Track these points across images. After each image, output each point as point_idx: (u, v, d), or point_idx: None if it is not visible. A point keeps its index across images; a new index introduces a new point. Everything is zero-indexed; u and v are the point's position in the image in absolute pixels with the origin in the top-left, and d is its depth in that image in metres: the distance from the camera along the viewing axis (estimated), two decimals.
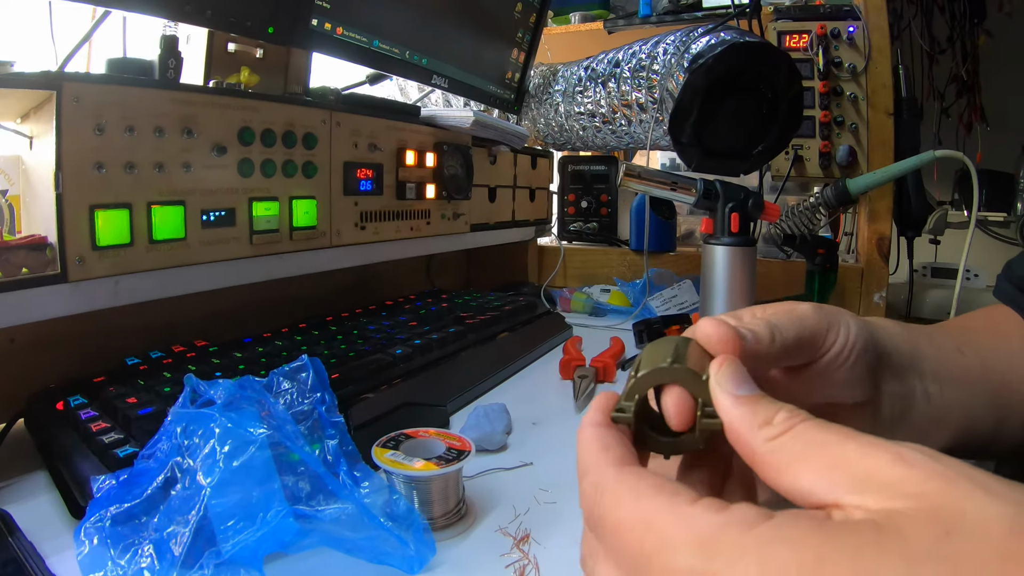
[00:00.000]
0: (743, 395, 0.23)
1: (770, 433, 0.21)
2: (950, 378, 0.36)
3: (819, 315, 0.30)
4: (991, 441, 0.38)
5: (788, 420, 0.21)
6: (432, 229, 0.81)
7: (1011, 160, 1.25)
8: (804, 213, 0.92)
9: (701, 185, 0.76)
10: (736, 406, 0.22)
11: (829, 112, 0.99)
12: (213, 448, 0.30)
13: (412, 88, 1.20)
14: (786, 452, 0.20)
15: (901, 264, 1.13)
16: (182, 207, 0.51)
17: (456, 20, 0.90)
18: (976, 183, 0.85)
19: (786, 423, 0.21)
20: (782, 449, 0.20)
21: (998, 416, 0.37)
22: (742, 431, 0.22)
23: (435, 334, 0.65)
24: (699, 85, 0.74)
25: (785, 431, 0.21)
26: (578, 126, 1.07)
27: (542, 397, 0.62)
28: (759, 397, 0.23)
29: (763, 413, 0.22)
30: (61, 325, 0.48)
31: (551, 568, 0.34)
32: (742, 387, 0.23)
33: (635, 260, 1.12)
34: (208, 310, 0.67)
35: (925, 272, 1.21)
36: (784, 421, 0.21)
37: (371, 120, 0.70)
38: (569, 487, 0.43)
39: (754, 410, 0.22)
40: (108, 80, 0.48)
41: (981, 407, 0.37)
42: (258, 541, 0.29)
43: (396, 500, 0.35)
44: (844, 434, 0.20)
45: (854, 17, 0.99)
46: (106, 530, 0.30)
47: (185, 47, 0.63)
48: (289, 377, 0.38)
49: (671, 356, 0.25)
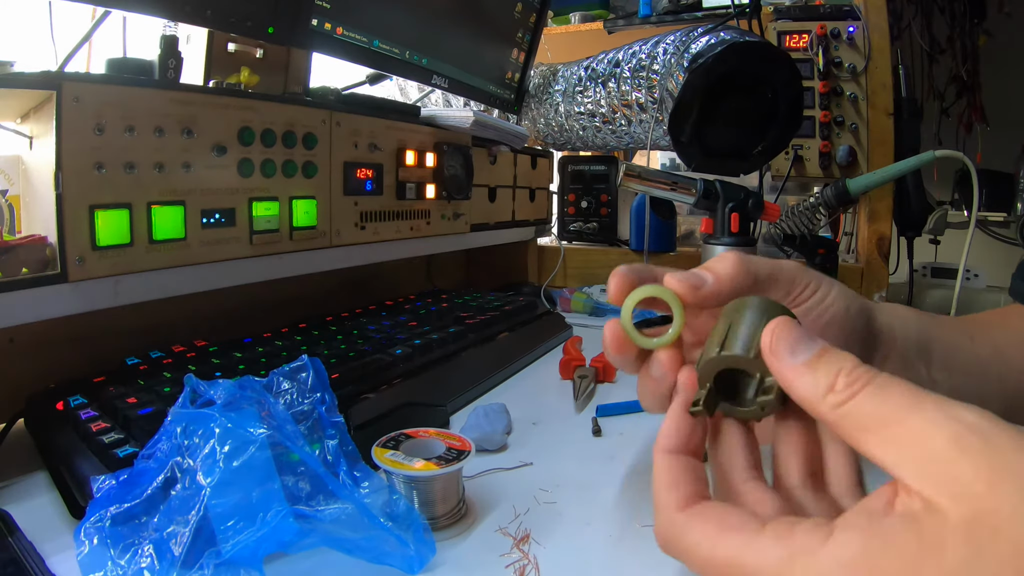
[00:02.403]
0: (800, 363, 0.23)
1: (835, 400, 0.22)
2: (960, 367, 0.36)
3: (800, 269, 0.33)
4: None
5: (850, 386, 0.21)
6: (432, 229, 0.81)
7: (1011, 160, 1.25)
8: (804, 213, 0.92)
9: (701, 185, 0.76)
10: (797, 377, 0.23)
11: (829, 112, 0.99)
12: (213, 448, 0.30)
13: (412, 88, 1.20)
14: (853, 421, 0.21)
15: (901, 264, 1.13)
16: (182, 207, 0.51)
17: (456, 20, 0.90)
18: (976, 183, 0.85)
19: (848, 390, 0.21)
20: (849, 416, 0.21)
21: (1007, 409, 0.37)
22: (809, 400, 0.22)
23: (435, 334, 0.65)
24: (699, 85, 0.74)
25: (849, 398, 0.21)
26: (578, 126, 1.07)
27: (542, 397, 0.62)
28: (817, 358, 0.23)
29: (825, 378, 0.22)
30: (61, 325, 0.48)
31: (551, 568, 0.34)
32: (797, 352, 0.23)
33: (635, 260, 1.12)
34: (208, 310, 0.67)
35: (925, 272, 1.21)
36: (847, 387, 0.21)
37: (371, 120, 0.70)
38: (569, 487, 0.43)
39: (815, 378, 0.22)
40: (108, 80, 0.48)
41: (993, 399, 0.36)
42: (258, 541, 0.29)
43: (396, 500, 0.35)
44: (907, 403, 0.20)
45: (854, 17, 0.99)
46: (106, 530, 0.30)
47: (185, 47, 0.63)
48: (289, 377, 0.38)
49: (722, 338, 0.26)
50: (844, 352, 0.23)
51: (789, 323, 0.24)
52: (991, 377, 0.37)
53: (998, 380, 0.37)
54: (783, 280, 0.32)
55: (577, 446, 0.50)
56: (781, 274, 0.32)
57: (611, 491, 0.42)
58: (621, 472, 0.45)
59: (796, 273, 0.32)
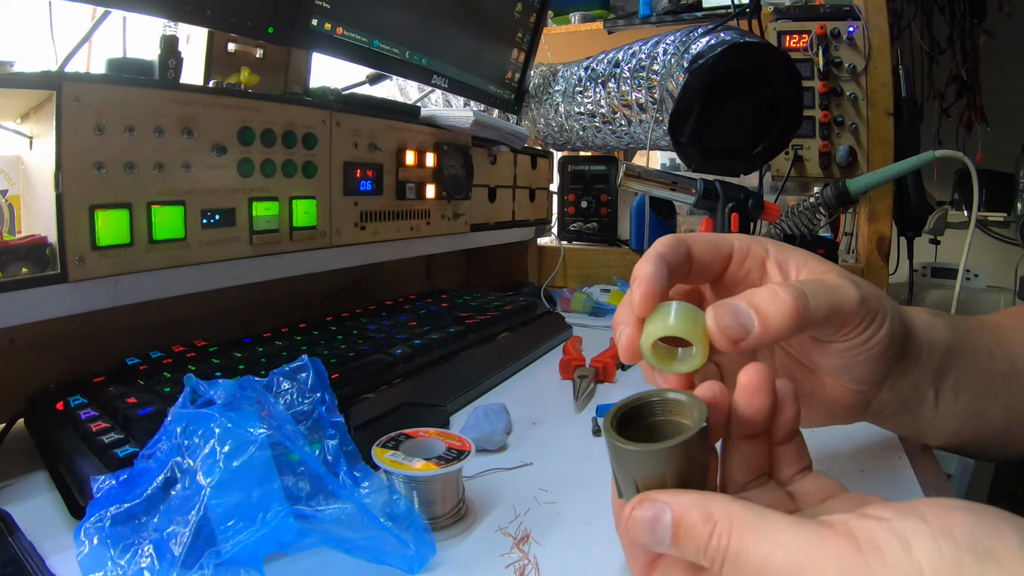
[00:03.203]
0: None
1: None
2: (971, 387, 0.35)
3: (860, 304, 0.29)
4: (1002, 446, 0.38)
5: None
6: (432, 229, 0.81)
7: (1011, 160, 1.25)
8: (804, 213, 0.92)
9: (701, 185, 0.76)
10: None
11: (829, 112, 0.99)
12: (213, 448, 0.30)
13: (412, 88, 1.20)
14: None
15: (901, 264, 1.14)
16: (182, 207, 0.51)
17: (456, 20, 0.90)
18: (976, 183, 0.85)
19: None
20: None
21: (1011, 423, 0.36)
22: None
23: (435, 334, 0.65)
24: (699, 85, 0.74)
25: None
26: (578, 126, 1.07)
27: (542, 397, 0.62)
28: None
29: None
30: (61, 325, 0.48)
31: (551, 568, 0.34)
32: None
33: (635, 260, 1.11)
34: (208, 310, 0.67)
35: (925, 272, 1.22)
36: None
37: (371, 120, 0.70)
38: (569, 487, 0.43)
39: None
40: (108, 80, 0.48)
41: (996, 414, 0.36)
42: (258, 541, 0.29)
43: (396, 500, 0.35)
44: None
45: (854, 17, 0.99)
46: (106, 530, 0.30)
47: (185, 47, 0.63)
48: (289, 377, 0.38)
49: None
50: (692, 520, 0.23)
51: (637, 514, 0.24)
52: (999, 395, 0.36)
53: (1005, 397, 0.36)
54: (839, 320, 0.28)
55: (577, 446, 0.50)
56: (840, 313, 0.28)
57: (611, 491, 0.42)
58: None
59: (856, 310, 0.29)
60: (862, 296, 0.29)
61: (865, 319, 0.29)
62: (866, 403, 0.34)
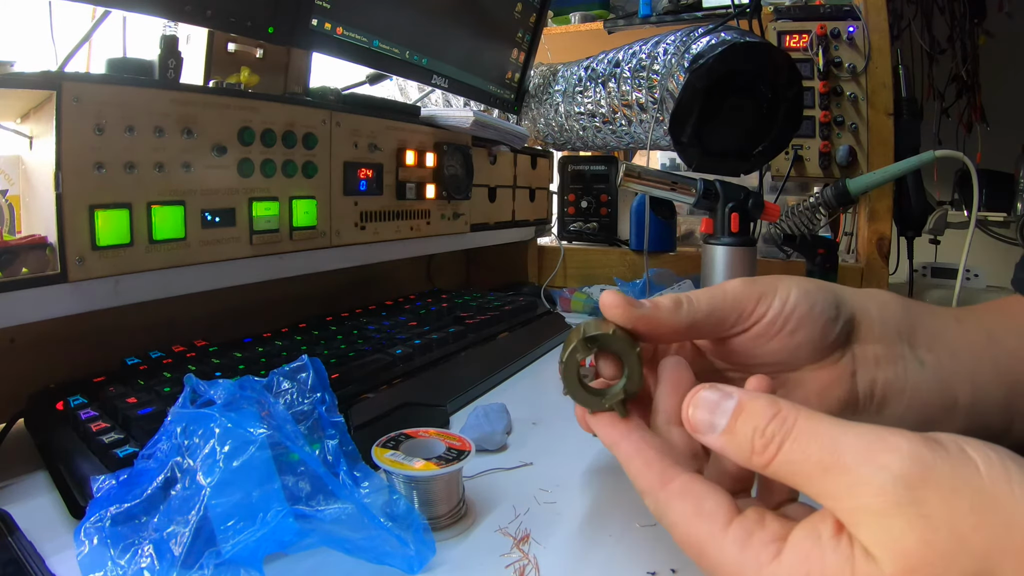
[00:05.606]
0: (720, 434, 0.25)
1: (760, 461, 0.24)
2: (948, 347, 0.35)
3: (746, 288, 0.32)
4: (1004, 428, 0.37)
5: (767, 446, 0.24)
6: (432, 229, 0.81)
7: (1011, 160, 1.25)
8: (804, 213, 0.92)
9: (701, 185, 0.76)
10: (723, 447, 0.26)
11: (829, 112, 0.99)
12: (213, 448, 0.30)
13: (412, 88, 1.20)
14: (784, 474, 0.24)
15: (901, 264, 1.14)
16: (182, 207, 0.51)
17: (456, 20, 0.90)
18: (976, 183, 0.85)
19: (767, 451, 0.24)
20: (779, 472, 0.24)
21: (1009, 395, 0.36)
22: (741, 462, 0.25)
23: (435, 334, 0.65)
24: (699, 85, 0.74)
25: (771, 459, 0.24)
26: (578, 126, 1.07)
27: (542, 397, 0.62)
28: (734, 421, 0.25)
29: (746, 442, 0.25)
30: (61, 325, 0.48)
31: (551, 568, 0.34)
32: (716, 425, 0.25)
33: (635, 260, 1.12)
34: (208, 310, 0.67)
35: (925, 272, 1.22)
36: (764, 449, 0.25)
37: (371, 120, 0.70)
38: (569, 487, 0.43)
39: (737, 444, 0.25)
40: (108, 80, 0.48)
41: (988, 382, 0.36)
42: (258, 541, 0.29)
43: (396, 500, 0.35)
44: (828, 454, 0.22)
45: (854, 17, 0.99)
46: (106, 530, 0.30)
47: (185, 47, 0.63)
48: (289, 377, 0.38)
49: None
50: (758, 405, 0.24)
51: (703, 393, 0.26)
52: (984, 360, 0.36)
53: (992, 363, 0.36)
54: (728, 309, 0.32)
55: (577, 446, 0.50)
56: (724, 305, 0.32)
57: (611, 491, 0.42)
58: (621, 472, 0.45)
59: (740, 294, 0.32)
60: (744, 282, 0.32)
61: (762, 298, 0.32)
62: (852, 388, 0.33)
